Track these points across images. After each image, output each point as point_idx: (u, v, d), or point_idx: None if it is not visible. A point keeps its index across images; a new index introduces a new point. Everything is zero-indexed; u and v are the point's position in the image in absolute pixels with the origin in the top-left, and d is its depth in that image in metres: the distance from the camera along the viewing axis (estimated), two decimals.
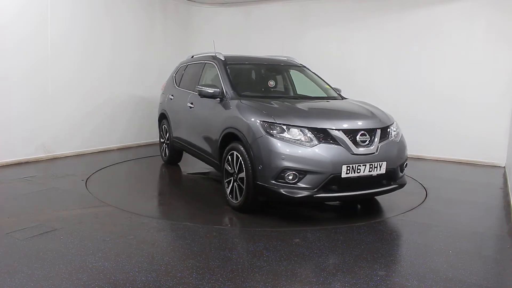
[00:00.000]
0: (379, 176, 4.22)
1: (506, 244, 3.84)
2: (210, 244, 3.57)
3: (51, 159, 6.88)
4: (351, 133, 4.12)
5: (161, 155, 7.13)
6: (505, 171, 6.86)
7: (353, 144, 4.08)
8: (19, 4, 6.31)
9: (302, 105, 4.63)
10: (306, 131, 4.05)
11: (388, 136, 4.42)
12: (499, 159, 7.31)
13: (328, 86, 5.68)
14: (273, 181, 4.02)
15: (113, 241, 3.58)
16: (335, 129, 4.08)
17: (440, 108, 7.77)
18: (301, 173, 3.95)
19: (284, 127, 4.08)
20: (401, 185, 4.56)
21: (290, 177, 3.96)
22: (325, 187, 4.00)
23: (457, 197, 5.40)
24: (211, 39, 9.67)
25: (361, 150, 4.10)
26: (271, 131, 4.08)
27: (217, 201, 4.84)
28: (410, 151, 7.94)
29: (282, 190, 3.99)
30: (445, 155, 7.82)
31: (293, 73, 5.97)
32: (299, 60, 6.16)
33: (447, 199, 5.21)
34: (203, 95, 5.06)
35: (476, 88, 7.47)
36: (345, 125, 4.18)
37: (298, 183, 3.97)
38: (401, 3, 8.04)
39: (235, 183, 4.45)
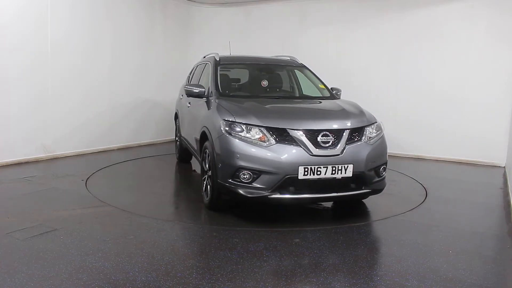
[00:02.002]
0: (345, 179, 4.02)
1: (506, 244, 3.84)
2: (210, 244, 3.57)
3: (51, 159, 6.87)
4: (311, 134, 3.99)
5: (175, 153, 7.35)
6: (505, 171, 6.85)
7: (313, 145, 3.95)
8: (19, 4, 6.31)
9: (274, 105, 4.59)
10: (265, 130, 4.00)
11: (361, 137, 4.21)
12: (499, 159, 7.31)
13: (323, 86, 5.63)
14: (230, 180, 4.02)
15: (113, 241, 3.58)
16: (295, 129, 3.98)
17: (440, 108, 7.77)
18: (255, 173, 3.91)
19: (244, 126, 4.07)
20: (377, 190, 4.36)
21: (246, 177, 3.94)
22: (282, 188, 3.92)
23: (457, 197, 5.39)
24: (211, 39, 9.75)
25: (322, 151, 3.95)
26: (231, 130, 4.09)
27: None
28: (410, 151, 8.09)
29: (238, 189, 3.99)
30: (445, 155, 7.82)
31: (300, 73, 5.97)
32: (300, 60, 6.15)
33: (447, 199, 5.21)
34: (189, 94, 5.14)
35: (476, 88, 7.47)
36: (306, 125, 4.05)
37: (253, 183, 3.94)
38: (401, 3, 8.04)
39: (207, 181, 4.51)
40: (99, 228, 3.88)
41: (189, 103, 5.87)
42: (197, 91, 5.03)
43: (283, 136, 3.98)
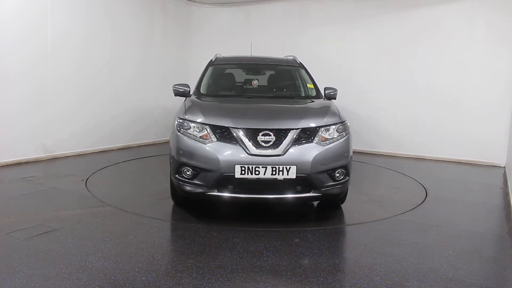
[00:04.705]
0: (288, 181, 3.87)
1: (506, 244, 3.84)
2: (210, 244, 3.57)
3: (51, 159, 6.87)
4: (251, 133, 3.91)
5: None
6: (505, 171, 6.86)
7: (253, 144, 3.88)
8: (19, 2, 6.31)
9: (230, 105, 4.65)
10: (208, 128, 4.03)
11: (313, 138, 4.01)
12: (499, 159, 7.32)
13: (311, 86, 5.54)
14: (177, 176, 4.13)
15: (113, 241, 3.58)
16: (236, 128, 3.95)
17: (440, 108, 7.78)
18: (195, 170, 3.99)
19: (191, 124, 4.12)
20: (331, 195, 4.15)
21: (188, 173, 4.03)
22: (220, 186, 3.93)
23: (457, 197, 5.40)
24: (211, 39, 9.75)
25: (262, 151, 3.86)
26: (180, 127, 4.17)
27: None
28: (410, 151, 8.09)
29: (181, 185, 4.09)
30: (445, 155, 7.82)
31: (291, 72, 5.93)
32: (300, 60, 6.13)
33: (447, 199, 5.21)
34: (175, 93, 5.16)
35: (476, 88, 7.48)
36: (248, 124, 3.98)
37: (194, 180, 4.01)
38: (401, 3, 8.04)
39: None
40: (99, 228, 3.88)
41: None
42: (182, 90, 5.05)
43: (224, 135, 3.99)
